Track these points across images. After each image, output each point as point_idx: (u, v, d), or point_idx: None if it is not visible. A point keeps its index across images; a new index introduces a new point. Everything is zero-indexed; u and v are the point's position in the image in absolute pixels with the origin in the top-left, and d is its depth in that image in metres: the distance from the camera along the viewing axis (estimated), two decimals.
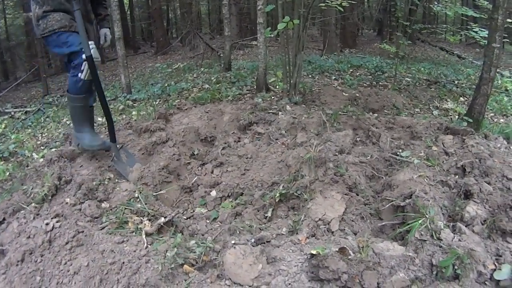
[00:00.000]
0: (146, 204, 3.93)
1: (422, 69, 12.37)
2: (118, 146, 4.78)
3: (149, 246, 3.31)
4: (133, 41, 28.04)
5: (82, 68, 4.49)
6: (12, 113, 12.89)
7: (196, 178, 4.71)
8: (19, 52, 29.61)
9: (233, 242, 3.16)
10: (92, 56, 4.34)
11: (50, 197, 4.28)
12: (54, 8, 4.45)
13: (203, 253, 3.13)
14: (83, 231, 3.58)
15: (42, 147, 6.91)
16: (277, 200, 3.93)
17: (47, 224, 3.68)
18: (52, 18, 4.42)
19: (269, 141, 5.18)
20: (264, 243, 3.23)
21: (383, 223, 3.60)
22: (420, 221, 3.21)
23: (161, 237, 3.50)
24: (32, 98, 17.02)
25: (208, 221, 3.96)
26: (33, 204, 4.20)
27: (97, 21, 5.04)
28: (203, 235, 3.65)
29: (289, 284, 2.78)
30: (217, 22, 27.51)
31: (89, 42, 4.37)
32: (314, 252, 2.83)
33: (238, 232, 3.53)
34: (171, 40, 25.08)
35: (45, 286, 3.26)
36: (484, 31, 7.73)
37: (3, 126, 9.84)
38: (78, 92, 4.67)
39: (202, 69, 12.34)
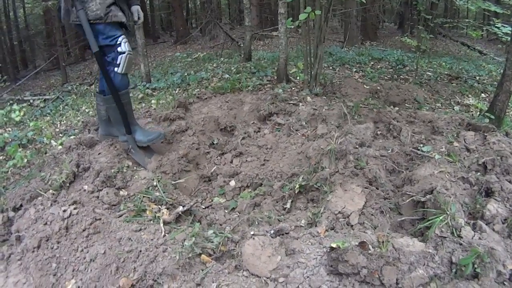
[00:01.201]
0: (164, 192, 3.94)
1: (444, 63, 12.26)
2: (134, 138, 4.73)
3: (166, 234, 3.32)
4: (152, 30, 28.09)
5: (118, 62, 4.44)
6: (31, 101, 12.97)
7: (215, 167, 4.72)
8: (38, 41, 29.73)
9: (252, 233, 3.14)
10: (126, 48, 4.36)
11: (68, 184, 4.29)
12: None
13: (221, 243, 3.12)
14: (100, 219, 3.58)
15: (60, 135, 6.92)
16: (296, 192, 3.91)
17: (64, 211, 3.69)
18: (88, 7, 4.31)
19: (289, 132, 5.16)
20: (283, 234, 3.21)
21: (403, 218, 3.56)
22: (441, 218, 3.17)
23: (179, 226, 3.51)
24: (51, 86, 17.11)
25: (226, 211, 3.96)
26: (50, 191, 4.21)
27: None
28: (221, 225, 3.64)
29: (308, 277, 2.76)
30: (237, 12, 27.50)
31: (124, 36, 4.38)
32: (334, 245, 2.81)
33: (256, 223, 3.51)
34: (190, 30, 25.09)
35: (61, 273, 3.27)
36: (507, 27, 7.61)
37: (22, 113, 9.85)
38: (120, 87, 4.59)
39: (222, 59, 12.31)
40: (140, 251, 3.12)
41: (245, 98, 6.11)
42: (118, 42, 4.38)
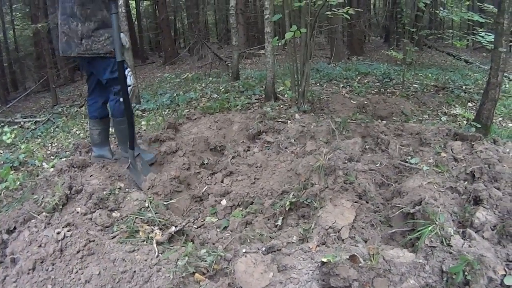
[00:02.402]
0: (156, 213, 3.96)
1: (430, 75, 12.36)
2: (135, 154, 4.81)
3: (160, 255, 3.33)
4: (141, 51, 28.16)
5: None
6: (22, 123, 12.94)
7: (206, 187, 4.75)
8: (28, 62, 29.69)
9: (244, 250, 3.17)
10: (132, 82, 4.54)
11: (61, 207, 4.30)
12: (98, 25, 4.53)
13: (214, 261, 3.14)
14: (94, 240, 3.59)
15: (52, 157, 6.94)
16: (287, 209, 3.95)
17: (58, 233, 3.71)
18: (98, 40, 4.50)
19: (278, 149, 5.20)
20: (275, 251, 3.24)
21: (393, 230, 3.61)
22: (430, 228, 3.22)
23: (172, 246, 3.53)
24: (42, 108, 17.09)
25: (218, 230, 3.99)
26: (44, 213, 4.22)
27: None
28: (213, 244, 3.67)
29: None
30: (225, 32, 27.62)
31: (129, 69, 4.54)
32: (324, 260, 2.84)
33: (248, 240, 3.55)
34: (179, 50, 25.18)
35: None
36: (490, 35, 7.71)
37: (13, 136, 9.86)
38: (121, 115, 4.80)
39: (211, 78, 12.37)
40: (135, 271, 3.15)
41: (234, 117, 6.15)
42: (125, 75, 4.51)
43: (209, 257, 3.20)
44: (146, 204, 4.12)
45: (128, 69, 4.52)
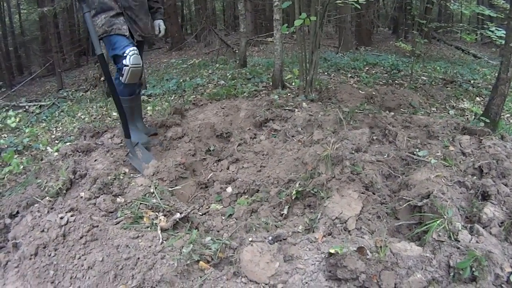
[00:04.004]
0: (161, 199, 3.92)
1: (438, 68, 12.28)
2: (133, 142, 4.78)
3: (164, 242, 3.30)
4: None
5: (122, 72, 4.65)
6: (27, 107, 12.93)
7: (212, 174, 4.70)
8: (34, 47, 29.82)
9: (250, 239, 3.14)
10: (130, 62, 4.54)
11: (64, 191, 4.30)
12: (96, 11, 4.64)
13: (219, 249, 3.11)
14: (97, 226, 3.56)
15: (56, 141, 6.91)
16: (293, 198, 3.90)
17: (61, 218, 3.67)
18: (96, 24, 4.60)
19: (285, 138, 5.15)
20: (281, 240, 3.21)
21: (400, 223, 3.57)
22: (438, 222, 3.18)
23: (177, 233, 3.48)
24: (47, 92, 17.08)
25: (223, 218, 3.95)
26: (47, 198, 4.20)
27: (151, 14, 5.20)
28: (218, 231, 3.63)
29: (306, 283, 2.76)
30: (232, 19, 27.52)
31: (132, 48, 4.52)
32: (332, 251, 2.81)
33: (254, 229, 3.50)
34: (185, 36, 25.08)
35: (58, 281, 3.25)
36: (500, 30, 7.62)
37: (17, 120, 9.83)
38: (122, 94, 4.82)
39: (217, 65, 12.31)
40: (138, 258, 3.11)
41: (241, 104, 6.09)
42: (124, 54, 4.55)
43: (214, 244, 3.17)
44: (151, 190, 4.08)
45: (131, 49, 4.53)
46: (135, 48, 4.57)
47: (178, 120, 5.73)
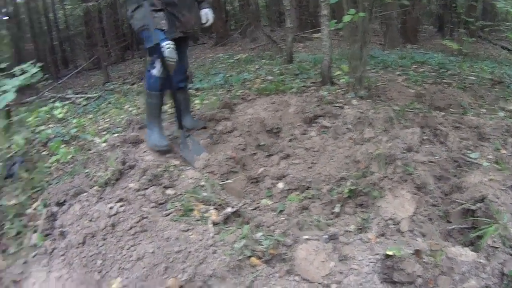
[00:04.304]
0: (212, 193, 3.91)
1: (485, 67, 12.02)
2: (185, 134, 4.81)
3: (215, 235, 3.30)
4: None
5: (155, 65, 4.65)
6: (73, 99, 13.09)
7: (262, 169, 4.65)
8: (79, 41, 30.38)
9: (305, 237, 3.12)
10: (165, 55, 4.46)
11: (113, 182, 4.33)
12: (135, 7, 4.64)
13: (271, 246, 3.10)
14: (147, 217, 3.58)
15: (104, 132, 6.94)
16: (345, 196, 3.85)
17: (110, 208, 3.71)
18: (136, 18, 4.63)
19: (335, 135, 5.07)
20: (335, 239, 3.18)
21: (452, 227, 3.50)
22: (493, 227, 3.11)
23: (227, 227, 3.48)
24: (93, 85, 17.28)
25: (274, 213, 3.89)
26: (95, 188, 4.24)
27: (197, 3, 5.14)
28: (268, 227, 3.57)
29: (361, 284, 2.74)
30: (278, 15, 27.39)
31: (168, 42, 4.46)
32: (389, 253, 2.77)
33: (306, 227, 3.47)
34: (230, 32, 25.09)
35: (106, 271, 3.27)
36: None
37: (64, 111, 9.95)
38: (150, 87, 4.81)
39: (264, 60, 12.23)
40: (190, 251, 3.13)
41: (290, 100, 6.01)
42: (160, 46, 4.49)
43: (265, 241, 3.16)
44: (202, 183, 4.10)
45: (167, 42, 4.48)
46: (171, 42, 4.52)
47: (228, 114, 5.71)
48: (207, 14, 5.19)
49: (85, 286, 3.22)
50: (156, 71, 4.68)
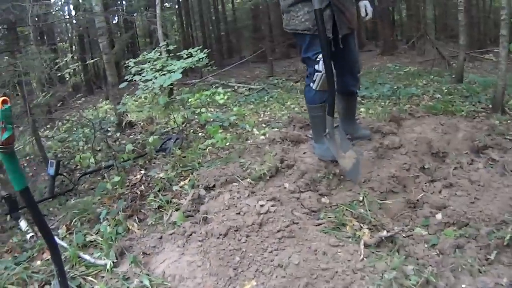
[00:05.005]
0: (369, 210, 3.72)
1: None
2: (334, 124, 4.41)
3: (365, 259, 3.10)
4: (358, 39, 27.90)
5: (314, 78, 4.36)
6: (235, 87, 13.42)
7: (422, 194, 4.27)
8: (245, 34, 31.59)
9: (463, 286, 2.84)
10: (320, 69, 4.24)
11: (267, 178, 4.27)
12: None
13: (419, 284, 2.83)
14: (297, 223, 3.46)
15: (263, 125, 6.97)
16: (505, 243, 3.38)
17: (261, 205, 3.63)
18: (296, 16, 4.29)
19: (503, 171, 4.56)
20: None
21: None
22: None
23: (378, 251, 3.25)
24: (256, 77, 17.66)
25: (426, 246, 3.54)
26: (248, 180, 4.22)
27: None
28: (417, 259, 3.24)
29: None
30: (448, 29, 26.51)
31: (320, 56, 4.19)
32: None
33: (460, 270, 3.13)
34: (396, 42, 24.66)
35: (242, 269, 3.17)
36: None
37: (225, 97, 10.23)
38: (310, 101, 4.57)
39: (432, 76, 11.83)
40: (336, 272, 2.94)
41: (459, 123, 5.55)
42: (317, 59, 4.24)
43: (414, 276, 2.90)
44: (360, 198, 3.92)
45: (320, 56, 4.16)
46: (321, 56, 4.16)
47: (395, 129, 5.39)
48: (366, 6, 4.66)
49: (216, 279, 3.14)
50: (315, 85, 4.41)
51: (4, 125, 2.12)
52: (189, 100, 9.40)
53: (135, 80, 6.73)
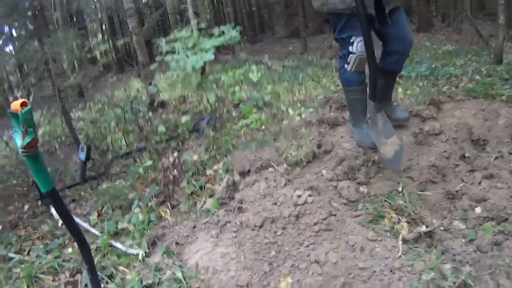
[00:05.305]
0: (409, 202, 3.57)
1: None
2: (376, 109, 4.07)
3: (403, 256, 2.97)
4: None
5: (348, 60, 4.10)
6: (269, 64, 13.25)
7: (462, 185, 4.04)
8: (277, 9, 31.45)
9: None
10: (358, 50, 3.95)
11: (304, 164, 4.14)
12: None
13: (456, 285, 2.70)
14: (335, 215, 3.33)
15: (299, 104, 6.79)
16: None
17: (298, 196, 3.49)
18: None
19: None
20: None
21: None
22: None
23: (416, 247, 3.11)
24: (289, 53, 17.53)
25: (464, 241, 3.36)
26: (284, 165, 4.11)
27: None
28: (454, 255, 3.05)
29: None
30: (485, 7, 25.96)
31: (359, 39, 3.89)
32: None
33: (497, 271, 2.98)
34: (431, 18, 24.20)
35: (277, 264, 3.08)
36: None
37: (259, 75, 10.07)
38: (346, 83, 4.29)
39: (470, 56, 11.52)
40: (374, 271, 2.83)
41: (500, 109, 5.25)
42: (351, 41, 3.96)
43: (451, 277, 2.76)
44: (399, 188, 3.75)
45: (358, 38, 3.88)
46: (361, 38, 3.78)
47: (435, 113, 5.07)
48: None
49: (250, 274, 3.07)
50: (349, 67, 4.11)
51: (25, 129, 2.06)
52: (222, 78, 9.32)
53: (166, 61, 6.65)
